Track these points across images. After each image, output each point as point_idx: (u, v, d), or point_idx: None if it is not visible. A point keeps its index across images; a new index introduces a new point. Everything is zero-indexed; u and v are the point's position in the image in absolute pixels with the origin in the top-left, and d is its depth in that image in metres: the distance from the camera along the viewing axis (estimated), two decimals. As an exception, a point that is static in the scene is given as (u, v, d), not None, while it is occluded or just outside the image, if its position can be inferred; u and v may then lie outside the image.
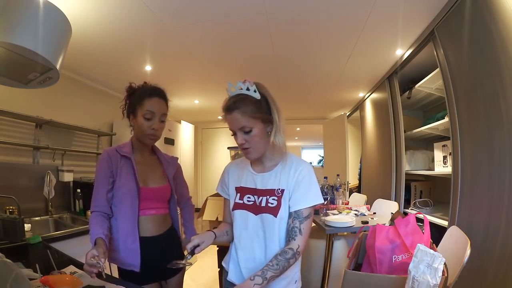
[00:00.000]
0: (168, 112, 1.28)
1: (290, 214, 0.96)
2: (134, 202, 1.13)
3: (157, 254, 1.17)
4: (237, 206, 1.03)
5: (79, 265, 1.17)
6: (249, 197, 1.01)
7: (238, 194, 1.04)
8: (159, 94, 1.21)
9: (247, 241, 1.00)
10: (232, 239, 1.07)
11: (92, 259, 0.88)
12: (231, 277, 1.02)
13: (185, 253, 0.96)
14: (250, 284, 0.82)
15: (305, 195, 0.95)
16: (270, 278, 0.85)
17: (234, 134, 0.97)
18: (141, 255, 1.11)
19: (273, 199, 0.97)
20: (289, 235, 0.94)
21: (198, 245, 0.93)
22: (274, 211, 0.96)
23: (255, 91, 0.93)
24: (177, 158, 1.40)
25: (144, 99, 1.17)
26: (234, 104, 0.92)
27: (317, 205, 0.98)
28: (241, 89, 0.94)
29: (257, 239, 0.98)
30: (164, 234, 1.22)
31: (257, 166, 1.05)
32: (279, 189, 0.97)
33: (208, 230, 1.02)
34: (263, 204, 0.98)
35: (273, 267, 0.86)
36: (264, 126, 0.95)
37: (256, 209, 0.99)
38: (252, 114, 0.92)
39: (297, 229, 0.93)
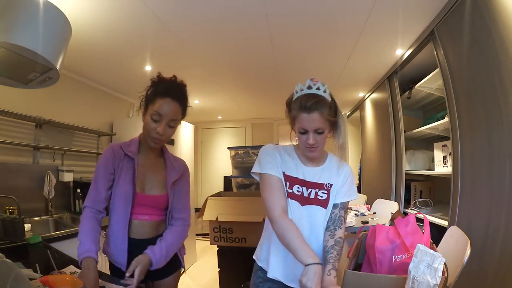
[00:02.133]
0: (183, 116, 1.16)
1: (335, 205, 1.05)
2: (127, 206, 1.09)
3: None
4: (288, 196, 1.04)
5: (79, 265, 1.17)
6: (298, 188, 1.04)
7: (288, 183, 1.04)
8: (173, 95, 1.08)
9: None
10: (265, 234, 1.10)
11: None
12: (275, 274, 1.02)
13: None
14: (333, 280, 0.87)
15: (350, 190, 1.07)
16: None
17: (305, 133, 0.98)
18: (128, 255, 1.09)
19: (322, 192, 1.05)
20: (335, 224, 1.02)
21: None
22: (324, 203, 1.04)
23: (328, 94, 0.98)
24: (183, 166, 1.26)
25: (157, 97, 1.07)
26: (315, 105, 0.94)
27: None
28: (319, 89, 0.96)
29: (302, 228, 1.00)
30: (155, 238, 1.15)
31: (305, 160, 1.09)
32: (329, 183, 1.06)
33: (317, 264, 0.84)
34: (312, 196, 1.04)
35: (336, 257, 0.93)
36: (330, 128, 1.01)
37: (303, 200, 1.04)
38: (327, 117, 0.96)
39: (343, 218, 1.04)
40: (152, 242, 1.12)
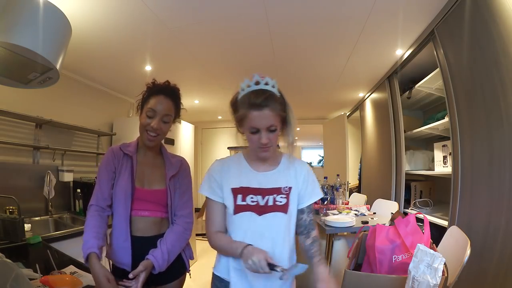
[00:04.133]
0: (176, 114, 1.20)
1: (302, 210, 1.01)
2: (127, 201, 1.11)
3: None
4: (240, 209, 0.96)
5: (79, 265, 1.17)
6: (252, 198, 0.97)
7: (240, 196, 0.97)
8: (166, 92, 1.15)
9: (252, 244, 0.93)
10: None
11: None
12: (237, 287, 0.94)
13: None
14: (325, 268, 0.90)
15: (313, 190, 1.02)
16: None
17: (256, 132, 0.90)
18: (132, 254, 1.09)
19: (281, 197, 0.97)
20: (308, 228, 1.00)
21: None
22: (284, 209, 0.97)
23: (277, 89, 0.92)
24: (181, 160, 1.28)
25: (151, 97, 1.14)
26: (266, 101, 0.87)
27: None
28: (267, 84, 0.90)
29: (264, 240, 0.94)
30: (158, 235, 1.15)
31: (257, 164, 1.02)
32: (287, 186, 0.99)
33: (248, 245, 0.88)
34: (270, 203, 0.96)
35: (318, 251, 0.95)
36: (281, 125, 0.95)
37: (260, 209, 0.96)
38: (279, 113, 0.91)
39: (313, 221, 1.02)
40: (154, 240, 1.12)
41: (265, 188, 0.98)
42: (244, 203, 0.96)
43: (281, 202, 0.97)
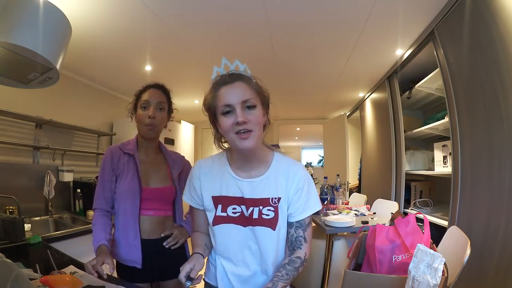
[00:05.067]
0: (168, 104, 1.27)
1: (291, 224, 0.88)
2: (135, 201, 1.13)
3: (156, 255, 1.17)
4: (219, 220, 0.86)
5: (79, 265, 1.17)
6: (234, 208, 0.85)
7: (220, 206, 0.86)
8: (154, 86, 1.23)
9: (237, 254, 0.88)
10: (211, 251, 0.95)
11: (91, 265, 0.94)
12: None
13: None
14: None
15: (306, 203, 0.87)
16: None
17: (229, 112, 0.77)
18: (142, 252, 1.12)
19: (268, 209, 0.84)
20: (294, 245, 0.87)
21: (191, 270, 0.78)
22: (272, 224, 0.84)
23: (250, 75, 0.84)
24: (183, 157, 1.37)
25: (141, 94, 1.22)
26: (236, 76, 0.79)
27: None
28: (238, 68, 0.84)
29: (250, 252, 0.87)
30: (162, 238, 1.18)
31: (241, 169, 0.87)
32: (276, 197, 0.85)
33: (194, 253, 0.87)
34: (255, 215, 0.84)
35: (283, 277, 0.79)
36: (263, 109, 0.82)
37: (245, 221, 0.85)
38: (256, 89, 0.80)
39: (302, 238, 0.87)
40: (160, 243, 1.16)
41: (250, 198, 0.84)
42: (224, 214, 0.86)
43: (268, 215, 0.84)
